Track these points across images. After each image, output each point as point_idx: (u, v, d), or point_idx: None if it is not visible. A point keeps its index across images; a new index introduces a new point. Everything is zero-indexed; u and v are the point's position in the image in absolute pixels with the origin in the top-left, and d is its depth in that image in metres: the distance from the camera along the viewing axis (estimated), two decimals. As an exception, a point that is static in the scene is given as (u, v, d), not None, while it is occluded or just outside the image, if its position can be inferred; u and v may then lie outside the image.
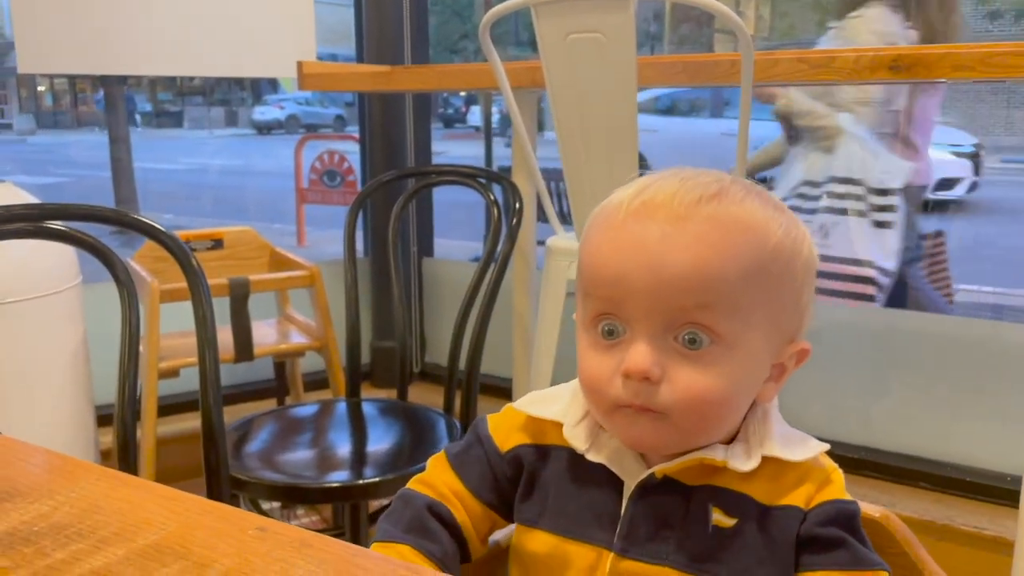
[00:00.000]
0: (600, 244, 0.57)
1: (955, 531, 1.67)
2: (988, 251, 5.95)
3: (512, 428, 0.65)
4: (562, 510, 0.61)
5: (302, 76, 1.80)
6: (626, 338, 0.56)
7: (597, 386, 0.57)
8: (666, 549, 0.57)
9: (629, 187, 0.58)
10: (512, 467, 0.64)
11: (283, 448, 1.43)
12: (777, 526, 0.56)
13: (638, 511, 0.58)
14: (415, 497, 0.64)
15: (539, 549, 0.61)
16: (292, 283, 1.82)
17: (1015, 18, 8.76)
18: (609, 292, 0.56)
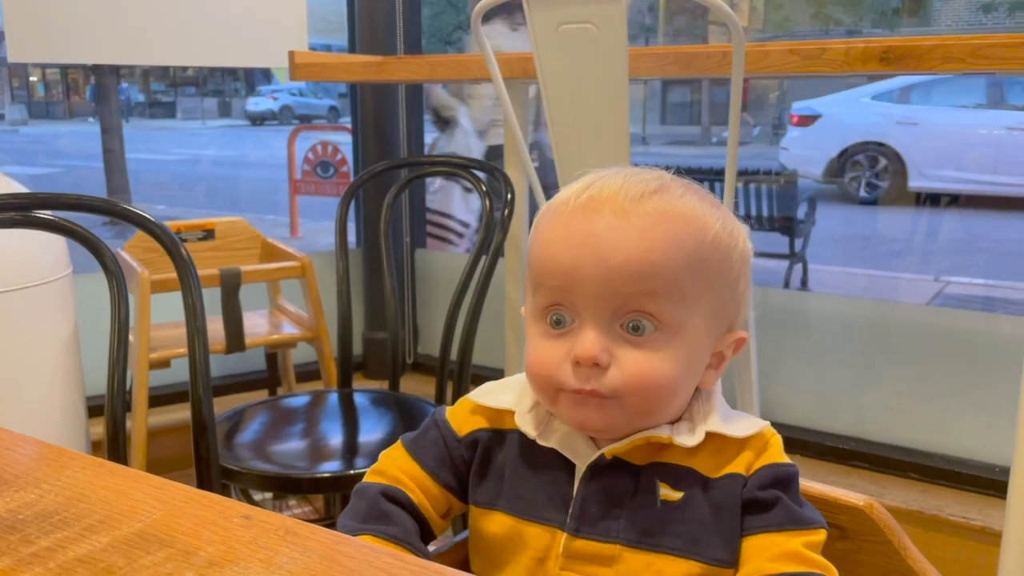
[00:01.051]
0: (550, 237, 0.60)
1: (943, 521, 1.68)
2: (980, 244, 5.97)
3: (469, 414, 0.67)
4: (517, 492, 0.62)
5: (293, 66, 1.79)
6: (574, 327, 0.59)
7: (545, 372, 0.59)
8: (617, 527, 0.59)
9: (575, 184, 0.61)
10: (470, 450, 0.66)
11: (274, 438, 1.43)
12: (722, 494, 0.59)
13: (589, 491, 0.60)
14: (368, 488, 0.65)
15: (497, 530, 0.62)
16: (284, 274, 1.82)
17: (1009, 11, 8.76)
18: (559, 282, 0.58)
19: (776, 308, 2.11)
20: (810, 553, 0.56)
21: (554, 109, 1.43)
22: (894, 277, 5.24)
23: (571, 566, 0.59)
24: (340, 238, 1.59)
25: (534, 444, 0.62)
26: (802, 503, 0.59)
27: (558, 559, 0.60)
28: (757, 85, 10.83)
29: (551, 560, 0.60)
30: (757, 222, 4.28)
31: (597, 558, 0.59)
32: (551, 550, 0.60)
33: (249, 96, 15.89)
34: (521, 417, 0.63)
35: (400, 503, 0.64)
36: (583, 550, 0.59)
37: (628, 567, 0.58)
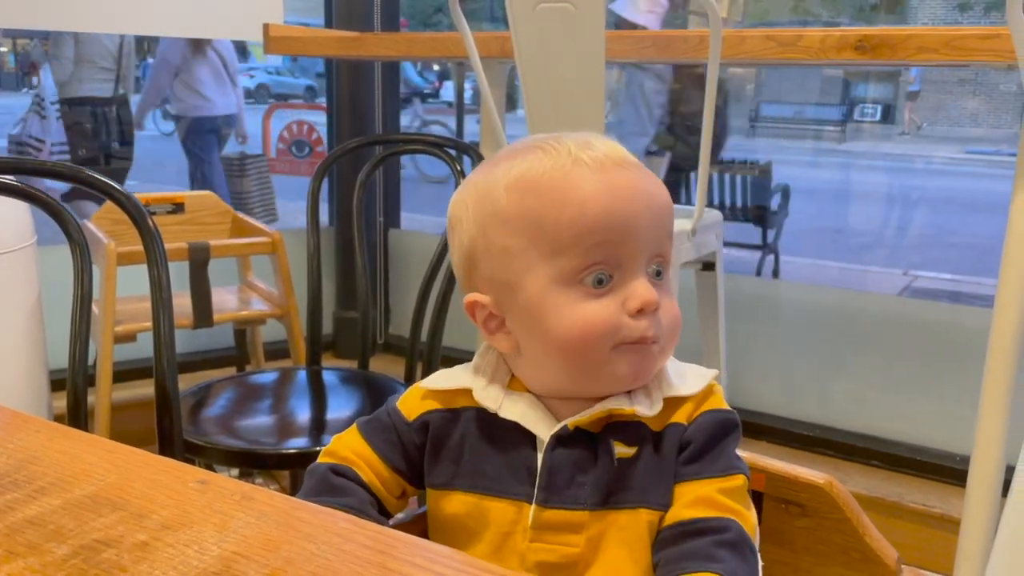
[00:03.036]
0: (592, 193, 0.58)
1: (904, 508, 1.70)
2: (952, 239, 6.05)
3: (418, 398, 0.66)
4: (478, 469, 0.62)
5: (268, 39, 1.77)
6: (615, 283, 0.58)
7: (602, 329, 0.58)
8: (583, 493, 0.59)
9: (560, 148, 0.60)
10: (420, 434, 0.65)
11: (241, 414, 1.42)
12: (667, 444, 0.60)
13: (554, 462, 0.60)
14: (318, 466, 0.66)
15: (457, 510, 0.62)
16: (254, 249, 1.80)
17: (985, 10, 8.85)
18: (611, 236, 0.57)
19: (746, 296, 2.13)
20: (723, 498, 0.58)
21: (530, 89, 1.42)
22: (864, 270, 5.30)
23: (540, 537, 0.59)
24: (312, 215, 1.57)
25: (492, 420, 0.62)
26: (731, 452, 0.61)
27: (526, 532, 0.59)
28: (733, 78, 10.87)
29: (517, 534, 0.60)
30: (731, 212, 4.30)
31: (566, 526, 0.59)
32: (517, 524, 0.60)
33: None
34: (480, 392, 0.63)
35: (351, 479, 0.64)
36: (552, 520, 0.59)
37: (595, 530, 0.59)
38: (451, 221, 0.64)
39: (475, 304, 0.62)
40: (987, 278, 4.80)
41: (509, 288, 0.60)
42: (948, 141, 10.46)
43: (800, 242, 5.46)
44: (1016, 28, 0.95)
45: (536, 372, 0.62)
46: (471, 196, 0.63)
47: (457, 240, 0.64)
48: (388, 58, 2.13)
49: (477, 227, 0.61)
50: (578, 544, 0.58)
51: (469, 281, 0.64)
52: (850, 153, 10.15)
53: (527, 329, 0.60)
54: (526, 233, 0.59)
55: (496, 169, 0.61)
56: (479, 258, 0.62)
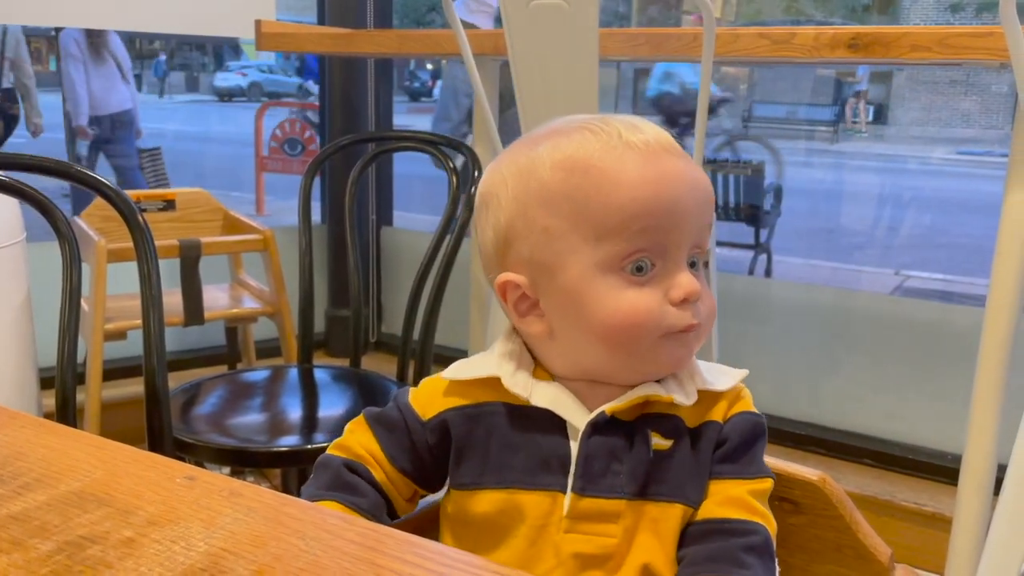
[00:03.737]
0: (640, 179, 0.57)
1: (896, 507, 1.71)
2: (942, 239, 6.07)
3: (435, 395, 0.64)
4: (507, 464, 0.60)
5: (260, 35, 1.76)
6: (657, 270, 0.57)
7: (647, 319, 0.57)
8: (619, 482, 0.58)
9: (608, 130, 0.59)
10: (436, 434, 0.63)
11: (232, 412, 1.41)
12: (703, 441, 0.60)
13: (591, 449, 0.58)
14: (332, 459, 0.64)
15: (487, 508, 0.60)
16: (245, 247, 1.79)
17: (976, 11, 8.88)
18: (657, 223, 0.56)
19: (739, 295, 2.13)
20: (753, 501, 0.58)
21: (524, 87, 1.42)
22: (856, 270, 5.31)
23: (576, 527, 0.58)
24: (303, 212, 1.57)
25: (518, 412, 0.60)
26: (761, 455, 0.61)
27: (561, 522, 0.58)
28: (725, 77, 10.87)
29: (552, 525, 0.58)
30: (723, 211, 4.31)
31: (603, 515, 0.58)
32: (551, 515, 0.58)
33: (217, 71, 15.63)
34: (509, 380, 0.61)
35: (364, 477, 0.63)
36: (589, 509, 0.58)
37: (630, 520, 0.58)
38: (484, 198, 0.62)
39: (508, 284, 0.60)
40: (978, 278, 4.82)
41: (548, 270, 0.58)
42: (940, 142, 10.49)
43: (793, 242, 5.47)
44: (1009, 26, 0.95)
45: (572, 356, 0.60)
46: (511, 173, 0.60)
47: (492, 217, 0.61)
48: (380, 55, 2.13)
49: (517, 205, 0.59)
50: (615, 534, 0.57)
51: (501, 261, 0.61)
52: (842, 153, 10.18)
53: (564, 312, 0.59)
54: (570, 214, 0.57)
55: (539, 147, 0.59)
56: (516, 237, 0.59)
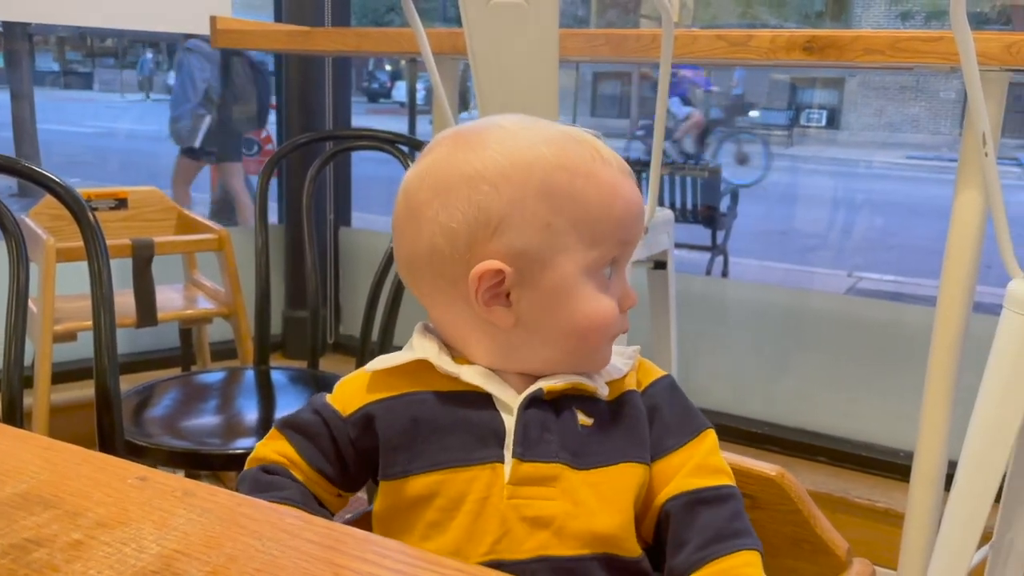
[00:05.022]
0: (621, 191, 0.62)
1: (850, 503, 1.73)
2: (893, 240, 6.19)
3: (356, 390, 0.65)
4: (441, 446, 0.61)
5: (215, 32, 1.73)
6: (613, 278, 0.63)
7: (612, 323, 0.62)
8: (553, 448, 0.61)
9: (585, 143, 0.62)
10: (358, 428, 0.63)
11: (186, 414, 1.38)
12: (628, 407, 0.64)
13: (528, 420, 0.61)
14: (247, 472, 0.64)
15: (423, 493, 0.60)
16: (199, 246, 1.76)
17: (925, 19, 9.10)
18: (631, 236, 0.63)
19: (696, 295, 2.15)
20: (714, 459, 0.63)
21: (483, 86, 1.41)
22: (810, 272, 5.40)
23: (519, 493, 0.59)
24: (260, 211, 1.55)
25: (446, 396, 0.62)
26: (691, 406, 0.66)
27: (503, 489, 0.59)
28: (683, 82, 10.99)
29: (494, 496, 0.59)
30: (681, 214, 4.35)
31: (543, 479, 0.60)
32: (493, 486, 0.59)
33: (171, 70, 15.38)
34: (437, 359, 0.62)
35: (283, 475, 0.63)
36: (530, 473, 0.60)
37: (568, 483, 0.60)
38: (472, 180, 0.60)
39: (490, 272, 0.60)
40: (928, 279, 4.93)
41: (539, 264, 0.60)
42: (890, 146, 10.72)
43: (749, 244, 5.55)
44: (959, 31, 0.98)
45: (524, 349, 0.62)
46: (507, 162, 0.60)
47: (475, 200, 0.60)
48: (338, 53, 2.11)
49: (515, 194, 0.59)
50: (555, 496, 0.59)
51: (474, 247, 0.60)
52: (797, 157, 10.35)
53: (543, 307, 0.61)
54: (572, 215, 0.60)
55: (532, 144, 0.61)
56: (510, 227, 0.59)
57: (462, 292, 0.61)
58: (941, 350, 1.35)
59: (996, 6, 5.76)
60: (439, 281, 0.62)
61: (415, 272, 0.64)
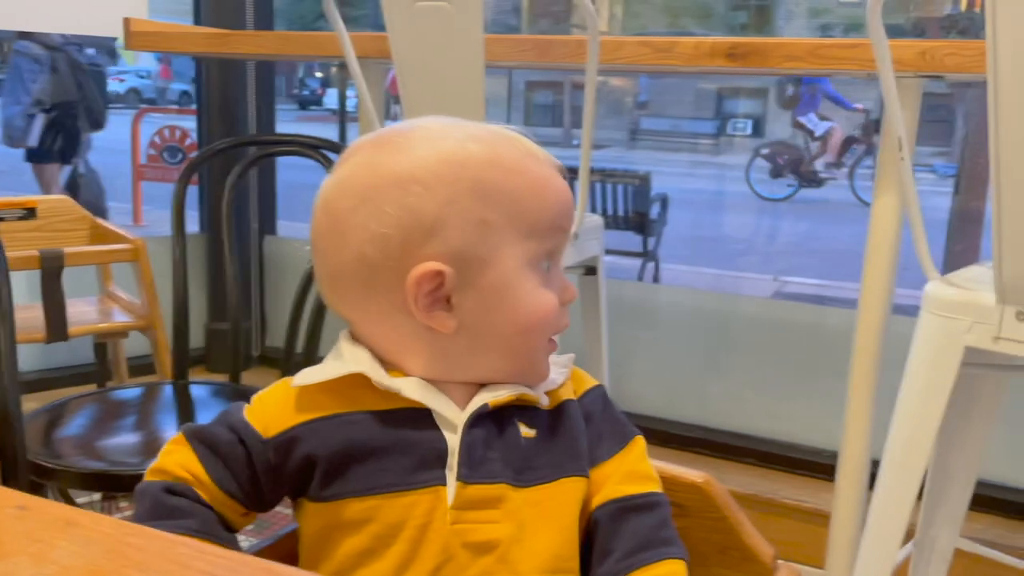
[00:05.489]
0: (552, 184, 0.61)
1: (779, 504, 1.76)
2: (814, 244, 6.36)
3: (281, 408, 0.60)
4: (378, 468, 0.57)
5: (129, 34, 1.67)
6: (551, 272, 0.61)
7: (554, 316, 0.61)
8: (497, 467, 0.58)
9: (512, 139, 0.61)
10: (280, 453, 0.58)
11: (100, 433, 1.32)
12: (567, 417, 0.62)
13: (471, 439, 0.58)
14: (149, 486, 0.59)
15: (358, 518, 0.57)
16: (113, 257, 1.69)
17: (844, 30, 9.40)
18: (565, 226, 0.61)
19: (628, 300, 2.16)
20: (643, 467, 0.62)
21: (409, 91, 1.39)
22: (738, 276, 5.51)
23: (463, 517, 0.56)
24: (177, 220, 1.49)
25: (382, 416, 0.58)
26: (618, 413, 0.65)
27: (446, 514, 0.56)
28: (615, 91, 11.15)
29: (436, 521, 0.56)
30: (613, 221, 4.39)
31: (487, 501, 0.57)
32: (435, 511, 0.56)
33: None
34: (376, 375, 0.58)
35: (189, 497, 0.58)
36: (475, 496, 0.57)
37: (512, 504, 0.58)
38: (402, 181, 0.57)
39: (429, 274, 0.57)
40: (849, 282, 5.07)
41: (479, 262, 0.58)
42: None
43: (679, 250, 5.63)
44: (876, 38, 0.99)
45: (477, 354, 0.59)
46: (436, 161, 0.58)
47: (406, 203, 0.57)
48: (259, 57, 2.05)
49: (448, 193, 0.57)
50: (499, 519, 0.57)
51: (410, 251, 0.57)
52: (724, 165, 10.58)
53: (486, 307, 0.58)
54: (507, 209, 0.58)
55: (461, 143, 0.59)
56: (444, 227, 0.57)
57: (397, 301, 0.58)
58: (862, 351, 1.38)
59: (911, 19, 5.99)
60: (370, 292, 0.59)
61: (340, 286, 0.60)
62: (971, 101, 3.47)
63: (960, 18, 5.12)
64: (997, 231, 0.91)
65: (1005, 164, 0.88)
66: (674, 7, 10.19)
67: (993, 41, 0.84)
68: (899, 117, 1.03)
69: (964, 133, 4.22)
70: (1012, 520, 1.73)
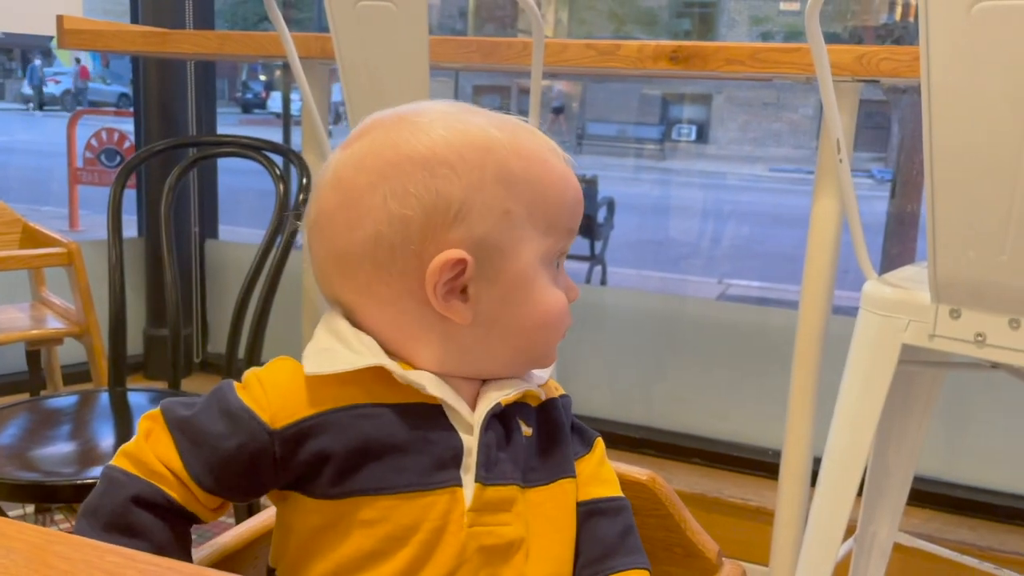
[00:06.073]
0: (564, 178, 0.58)
1: (724, 503, 1.78)
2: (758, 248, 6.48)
3: (291, 396, 0.55)
4: (396, 467, 0.54)
5: (62, 32, 1.62)
6: (559, 268, 0.60)
7: (566, 315, 0.60)
8: (508, 468, 0.56)
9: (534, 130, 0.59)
10: (289, 445, 0.54)
11: (33, 443, 1.27)
12: (557, 416, 0.61)
13: (487, 438, 0.56)
14: (117, 484, 0.54)
15: (367, 517, 0.53)
16: (46, 261, 1.64)
17: (784, 38, 9.64)
18: (575, 225, 0.60)
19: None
20: (606, 470, 0.62)
21: (352, 91, 1.37)
22: (683, 279, 5.58)
23: (479, 519, 0.54)
24: (113, 223, 1.45)
25: (402, 410, 0.54)
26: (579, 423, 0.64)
27: (463, 516, 0.54)
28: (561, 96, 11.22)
29: (452, 523, 0.53)
30: (559, 224, 4.40)
31: (503, 503, 0.55)
32: (451, 513, 0.54)
33: (27, 79, 14.58)
34: (398, 370, 0.54)
35: (157, 507, 0.54)
36: (492, 498, 0.55)
37: (522, 506, 0.56)
38: (428, 161, 0.54)
39: (451, 262, 0.54)
40: (791, 284, 5.18)
41: (501, 253, 0.55)
42: (755, 160, 11.26)
43: (625, 253, 5.69)
44: (814, 42, 1.01)
45: (489, 348, 0.57)
46: (462, 144, 0.55)
47: (432, 184, 0.54)
48: (198, 56, 2.01)
49: (474, 178, 0.54)
50: (511, 521, 0.55)
51: (431, 235, 0.54)
52: (668, 170, 10.72)
53: (504, 299, 0.56)
54: (529, 202, 0.56)
55: (483, 127, 0.56)
56: (471, 213, 0.54)
57: (411, 287, 0.55)
58: (804, 351, 1.40)
59: (848, 27, 6.15)
60: (382, 274, 0.55)
61: (348, 267, 0.56)
62: (906, 108, 3.58)
63: (895, 27, 5.27)
64: (931, 232, 0.93)
65: (938, 167, 0.90)
66: (620, 14, 10.32)
67: (926, 47, 0.86)
68: (837, 120, 1.05)
69: (900, 139, 4.34)
70: (949, 514, 1.78)
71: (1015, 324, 0.93)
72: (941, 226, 0.93)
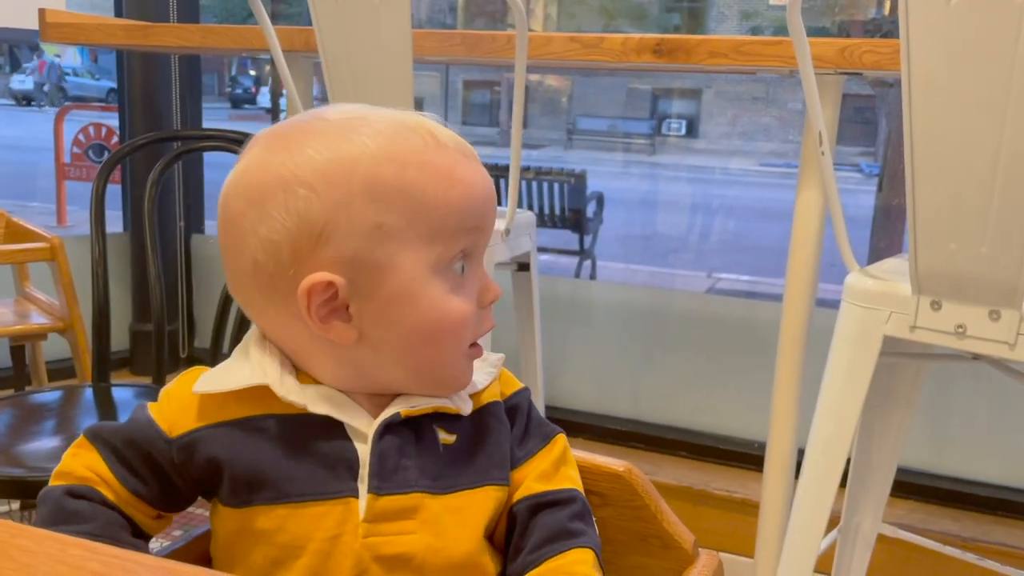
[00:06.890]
0: (468, 178, 0.56)
1: (710, 496, 1.78)
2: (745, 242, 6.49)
3: (186, 409, 0.57)
4: (288, 476, 0.55)
5: (44, 26, 1.61)
6: (468, 273, 0.57)
7: (469, 323, 0.57)
8: (411, 477, 0.56)
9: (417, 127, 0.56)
10: (184, 453, 0.56)
11: (18, 439, 1.27)
12: (492, 419, 0.60)
13: (382, 448, 0.56)
14: (50, 492, 0.56)
15: (267, 527, 0.55)
16: (29, 256, 1.63)
17: (773, 33, 9.64)
18: (480, 223, 0.57)
19: (562, 297, 2.17)
20: (564, 468, 0.61)
21: (335, 86, 1.37)
22: (672, 273, 5.59)
23: (375, 530, 0.54)
24: (96, 217, 1.44)
25: (292, 420, 0.55)
26: (539, 414, 0.64)
27: (358, 527, 0.54)
28: (549, 91, 11.21)
29: (347, 534, 0.54)
30: (549, 219, 4.41)
31: (401, 512, 0.55)
32: (346, 523, 0.54)
33: (14, 73, 14.49)
34: (281, 389, 0.55)
35: (93, 500, 0.56)
36: (387, 508, 0.55)
37: (429, 512, 0.56)
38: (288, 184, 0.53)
39: (319, 286, 0.53)
40: (779, 279, 5.20)
41: (376, 270, 0.54)
42: (743, 154, 11.28)
43: (615, 248, 5.69)
44: (796, 35, 1.01)
45: (383, 366, 0.56)
46: (325, 160, 0.53)
47: (293, 207, 0.53)
48: (182, 50, 2.00)
49: (337, 196, 0.53)
50: (414, 530, 0.55)
51: (302, 259, 0.54)
52: (658, 165, 10.73)
53: (388, 316, 0.55)
54: (406, 211, 0.54)
55: (355, 138, 0.54)
56: (335, 233, 0.53)
57: (294, 310, 0.54)
58: (788, 344, 1.41)
59: (836, 22, 6.16)
60: (270, 298, 0.55)
61: (243, 289, 0.57)
62: (893, 102, 3.59)
63: (883, 21, 5.28)
64: (912, 224, 0.94)
65: (919, 160, 0.91)
66: (609, 8, 10.30)
67: (906, 40, 0.86)
68: (819, 113, 1.05)
69: (887, 133, 4.35)
70: (932, 505, 1.80)
71: (995, 316, 0.94)
72: (922, 218, 0.93)
